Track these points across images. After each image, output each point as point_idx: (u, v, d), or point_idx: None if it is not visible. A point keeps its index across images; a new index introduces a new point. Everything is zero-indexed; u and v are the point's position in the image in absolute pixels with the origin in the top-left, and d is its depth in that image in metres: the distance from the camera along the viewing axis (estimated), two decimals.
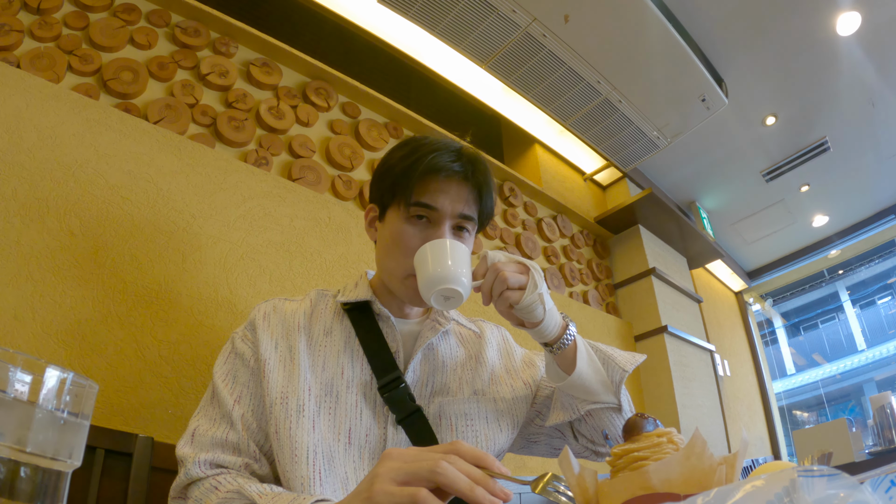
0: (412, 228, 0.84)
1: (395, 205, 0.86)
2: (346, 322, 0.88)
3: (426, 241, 0.79)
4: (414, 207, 0.83)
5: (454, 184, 0.85)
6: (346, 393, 0.80)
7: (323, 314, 0.89)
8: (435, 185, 0.84)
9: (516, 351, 1.03)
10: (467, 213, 0.85)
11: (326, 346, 0.84)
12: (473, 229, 0.89)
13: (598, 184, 3.13)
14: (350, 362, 0.83)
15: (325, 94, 1.85)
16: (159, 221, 1.25)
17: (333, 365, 0.82)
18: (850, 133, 3.19)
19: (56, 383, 0.38)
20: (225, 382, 0.81)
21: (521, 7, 2.05)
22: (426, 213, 0.83)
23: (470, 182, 0.86)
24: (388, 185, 0.87)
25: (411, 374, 0.85)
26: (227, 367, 0.83)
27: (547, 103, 2.44)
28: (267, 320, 0.86)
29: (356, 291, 0.90)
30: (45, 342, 1.02)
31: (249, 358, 0.82)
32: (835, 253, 4.60)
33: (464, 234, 0.87)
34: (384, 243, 0.88)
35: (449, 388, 0.87)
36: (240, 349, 0.84)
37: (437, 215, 0.84)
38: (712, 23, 2.47)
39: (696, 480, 0.41)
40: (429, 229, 0.84)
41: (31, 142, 1.13)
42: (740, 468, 0.45)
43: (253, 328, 0.85)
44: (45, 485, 0.36)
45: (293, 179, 1.62)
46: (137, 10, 1.50)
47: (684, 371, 2.66)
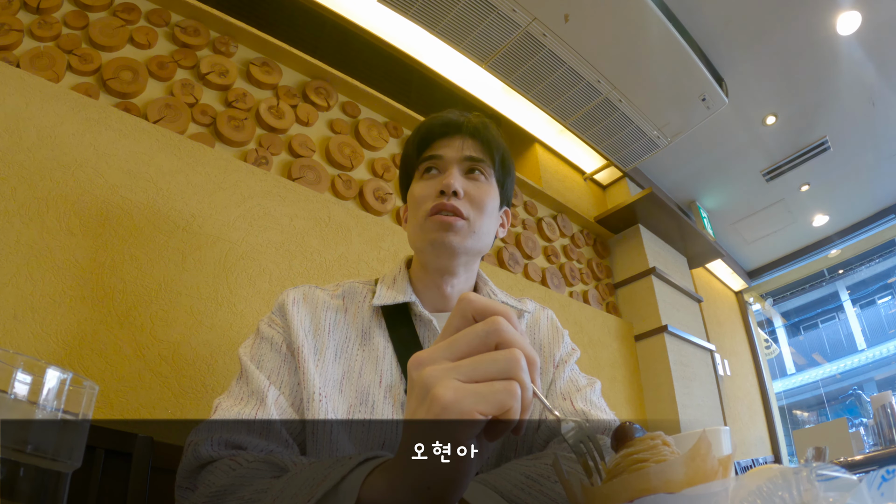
0: (426, 181, 0.86)
1: (415, 174, 0.89)
2: (383, 325, 0.83)
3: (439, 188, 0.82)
4: (422, 164, 0.86)
5: (456, 136, 0.87)
6: (383, 403, 0.75)
7: (359, 315, 0.83)
8: (438, 141, 0.87)
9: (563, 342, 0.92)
10: (473, 155, 0.86)
11: (365, 352, 0.79)
12: (489, 172, 0.87)
13: (599, 183, 3.13)
14: (389, 370, 0.78)
15: (325, 94, 1.85)
16: (159, 221, 1.25)
17: (371, 372, 0.77)
18: (851, 132, 3.18)
19: (56, 384, 0.37)
20: (253, 362, 0.74)
21: (521, 6, 2.05)
22: (433, 163, 0.86)
23: (471, 132, 0.87)
24: (405, 159, 0.91)
25: None
26: (255, 350, 0.77)
27: (547, 103, 2.44)
28: (297, 306, 0.80)
29: (394, 290, 0.85)
30: (44, 342, 1.02)
31: (280, 343, 0.76)
32: (835, 252, 4.60)
33: (477, 176, 0.86)
34: (409, 211, 0.89)
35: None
36: (267, 333, 0.78)
37: (444, 162, 0.85)
38: (712, 22, 2.47)
39: (698, 482, 0.41)
40: (439, 178, 0.85)
41: (30, 141, 1.13)
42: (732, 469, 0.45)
43: (282, 313, 0.79)
44: (45, 485, 0.36)
45: (293, 179, 1.62)
46: (137, 10, 1.50)
47: (684, 371, 2.66)
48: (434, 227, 0.81)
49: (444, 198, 0.81)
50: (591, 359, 2.35)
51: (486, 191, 0.86)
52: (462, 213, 0.82)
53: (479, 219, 0.84)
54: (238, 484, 0.57)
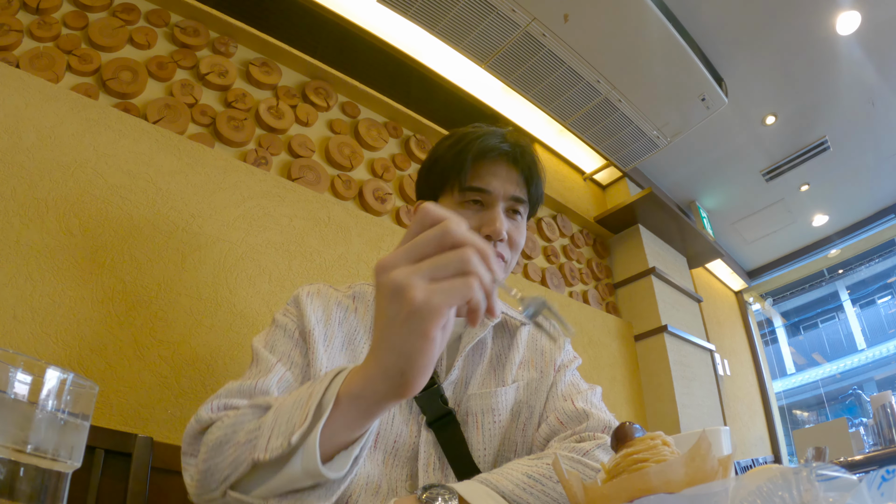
0: (468, 212, 0.85)
1: (448, 192, 0.87)
2: None
3: (482, 224, 0.82)
4: (468, 192, 0.84)
5: (503, 166, 0.86)
6: None
7: (367, 314, 0.86)
8: (486, 168, 0.85)
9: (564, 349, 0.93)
10: (518, 196, 0.87)
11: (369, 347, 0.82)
12: (525, 212, 0.90)
13: (598, 183, 3.13)
14: None
15: (325, 94, 1.85)
16: (158, 221, 1.25)
17: None
18: (850, 132, 3.19)
19: (56, 384, 0.38)
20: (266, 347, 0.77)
21: (520, 6, 2.05)
22: (480, 196, 0.85)
23: (519, 164, 0.87)
24: (438, 174, 0.88)
25: (456, 372, 0.82)
26: (269, 337, 0.80)
27: (546, 103, 2.44)
28: (311, 299, 0.83)
29: None
30: (44, 342, 1.02)
31: (293, 329, 0.79)
32: (835, 252, 4.60)
33: (517, 218, 0.88)
34: None
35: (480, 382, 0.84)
36: (281, 322, 0.81)
37: (491, 198, 0.85)
38: (712, 22, 2.47)
39: (698, 482, 0.41)
40: (483, 212, 0.85)
41: (30, 142, 1.13)
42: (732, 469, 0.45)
43: (297, 304, 0.82)
44: (45, 485, 0.36)
45: (292, 179, 1.62)
46: (136, 10, 1.50)
47: (684, 371, 2.66)
48: None
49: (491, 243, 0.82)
50: (591, 359, 2.35)
51: (522, 232, 0.89)
52: (505, 258, 0.85)
53: (514, 258, 0.88)
54: (231, 432, 0.60)
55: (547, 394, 0.86)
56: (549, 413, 0.83)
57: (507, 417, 0.82)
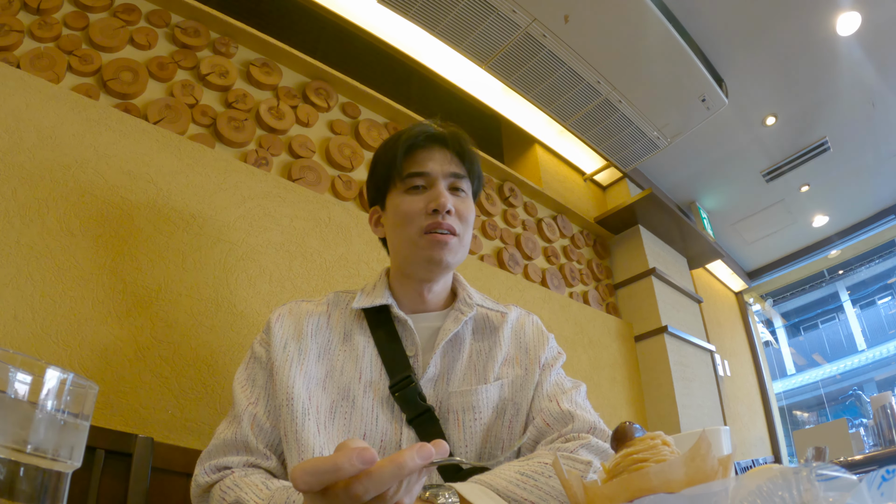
0: (413, 196, 0.89)
1: (392, 188, 0.91)
2: (364, 326, 0.89)
3: (428, 201, 0.87)
4: (408, 179, 0.89)
5: (436, 149, 0.91)
6: (363, 398, 0.80)
7: (342, 318, 0.90)
8: (420, 155, 0.90)
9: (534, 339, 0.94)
10: (457, 171, 0.91)
11: (346, 351, 0.85)
12: (469, 189, 0.94)
13: (598, 184, 3.13)
14: (369, 367, 0.84)
15: (325, 95, 1.85)
16: (159, 222, 1.25)
17: (352, 370, 0.83)
18: (850, 133, 3.18)
19: (56, 384, 0.38)
20: (244, 388, 0.83)
21: (521, 7, 2.05)
22: (420, 180, 0.89)
23: (450, 145, 0.92)
24: (381, 175, 0.93)
25: (431, 370, 0.84)
26: (247, 372, 0.85)
27: (547, 103, 2.44)
28: (280, 321, 0.87)
29: (373, 295, 0.90)
30: (44, 342, 1.02)
31: (265, 360, 0.84)
32: (835, 253, 4.60)
33: (460, 194, 0.92)
34: (393, 223, 0.91)
35: (460, 380, 0.85)
36: (258, 353, 0.86)
37: (430, 179, 0.89)
38: (712, 23, 2.47)
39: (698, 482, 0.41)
40: (427, 192, 0.89)
41: (31, 142, 1.13)
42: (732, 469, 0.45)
43: (268, 330, 0.87)
44: (45, 485, 0.36)
45: (293, 180, 1.62)
46: (137, 11, 1.50)
47: (684, 371, 2.66)
48: (430, 246, 0.86)
49: (439, 216, 0.86)
50: (592, 359, 2.35)
51: (469, 206, 0.92)
52: (455, 231, 0.88)
53: (466, 233, 0.91)
54: None
55: (533, 392, 0.86)
56: (535, 414, 0.84)
57: (490, 415, 0.82)
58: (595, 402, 2.28)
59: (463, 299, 0.93)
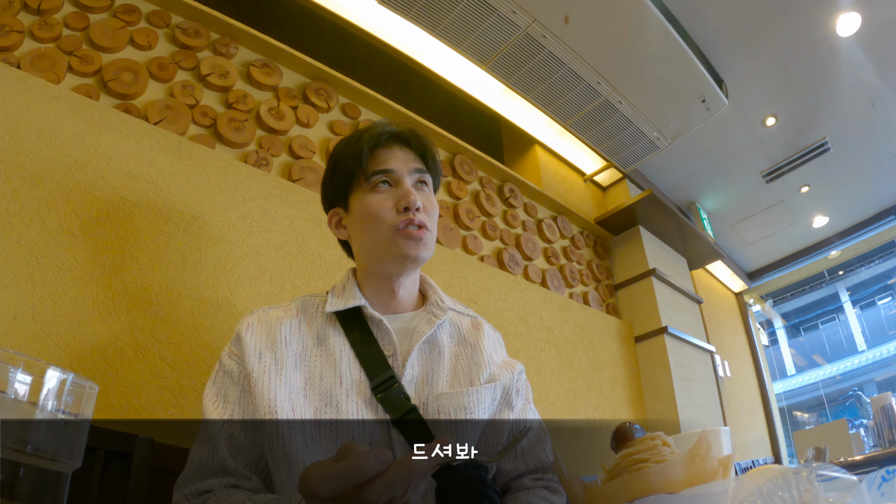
0: (380, 195, 0.89)
1: (356, 188, 0.91)
2: (338, 328, 0.88)
3: (398, 199, 0.88)
4: (374, 177, 0.89)
5: (398, 148, 0.93)
6: (347, 402, 0.80)
7: (313, 322, 0.88)
8: (384, 153, 0.91)
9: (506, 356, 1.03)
10: (420, 167, 0.93)
11: (322, 356, 0.84)
12: (431, 183, 0.96)
13: (599, 185, 3.13)
14: (348, 369, 0.83)
15: (326, 95, 1.85)
16: (159, 222, 1.25)
17: (331, 374, 0.82)
18: (850, 133, 3.18)
19: (56, 384, 0.38)
20: (215, 406, 0.80)
21: (521, 8, 2.05)
22: (386, 177, 0.90)
23: (412, 144, 0.94)
24: (343, 174, 0.93)
25: (410, 371, 0.84)
26: (217, 387, 0.82)
27: (547, 104, 2.44)
28: (251, 331, 0.85)
29: (345, 297, 0.90)
30: (45, 343, 1.02)
31: (237, 374, 0.81)
32: (835, 254, 4.60)
33: (425, 189, 0.94)
34: (361, 223, 0.91)
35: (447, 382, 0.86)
36: (227, 366, 0.83)
37: (396, 176, 0.90)
38: (712, 23, 2.47)
39: (698, 482, 0.41)
40: (393, 189, 0.90)
41: (31, 142, 1.13)
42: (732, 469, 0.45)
43: (238, 341, 0.84)
44: (45, 485, 0.36)
45: (293, 180, 1.62)
46: (138, 11, 1.50)
47: (684, 372, 2.66)
48: (405, 243, 0.87)
49: (410, 213, 0.87)
50: (592, 360, 2.35)
51: (434, 201, 0.94)
52: (426, 225, 0.89)
53: (435, 227, 0.93)
54: None
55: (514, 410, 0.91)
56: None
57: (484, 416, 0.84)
58: (595, 403, 2.29)
59: (434, 302, 0.94)
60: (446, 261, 1.90)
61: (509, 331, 2.00)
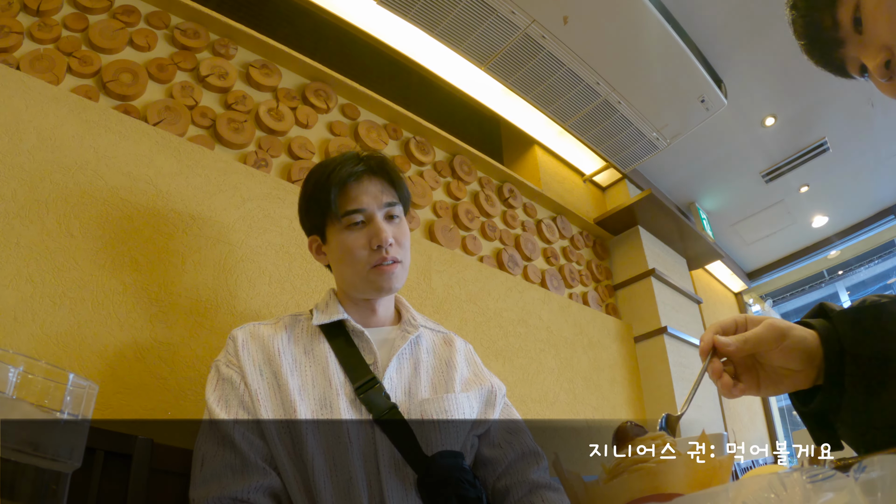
0: (354, 233, 0.95)
1: (330, 224, 0.97)
2: (323, 340, 0.94)
3: (370, 238, 0.94)
4: (345, 217, 0.95)
5: (366, 182, 0.97)
6: (338, 400, 0.86)
7: (301, 337, 0.95)
8: (353, 191, 0.96)
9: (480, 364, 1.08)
10: (390, 201, 0.98)
11: (312, 365, 0.90)
12: (402, 212, 1.01)
13: (598, 185, 3.13)
14: (335, 373, 0.90)
15: (325, 96, 1.85)
16: (159, 223, 1.25)
17: (322, 379, 0.89)
18: (850, 133, 3.19)
19: (56, 384, 0.38)
20: (221, 407, 0.85)
21: (520, 8, 2.05)
22: (358, 216, 0.95)
23: (378, 174, 0.99)
24: (316, 212, 0.99)
25: (388, 380, 0.90)
26: (219, 392, 0.87)
27: (546, 104, 2.44)
28: (246, 348, 0.90)
29: (328, 312, 0.97)
30: (44, 343, 1.02)
31: (238, 383, 0.86)
32: (834, 254, 4.60)
33: (395, 221, 0.99)
34: (338, 259, 0.98)
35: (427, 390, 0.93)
36: (227, 374, 0.88)
37: (367, 213, 0.96)
38: (711, 23, 2.47)
39: (699, 481, 0.41)
40: (366, 227, 0.95)
41: (30, 143, 1.13)
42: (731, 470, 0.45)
43: (236, 355, 0.90)
44: (45, 485, 0.36)
45: (293, 181, 1.62)
46: (137, 12, 1.50)
47: (684, 372, 2.66)
48: (379, 278, 0.95)
49: (383, 251, 0.93)
50: (591, 360, 2.35)
51: (405, 230, 1.00)
52: (398, 258, 0.96)
53: (406, 256, 0.99)
54: None
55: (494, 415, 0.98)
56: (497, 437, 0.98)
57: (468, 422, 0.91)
58: (595, 403, 2.29)
59: (408, 320, 1.01)
60: (446, 261, 1.90)
61: (509, 331, 2.00)
